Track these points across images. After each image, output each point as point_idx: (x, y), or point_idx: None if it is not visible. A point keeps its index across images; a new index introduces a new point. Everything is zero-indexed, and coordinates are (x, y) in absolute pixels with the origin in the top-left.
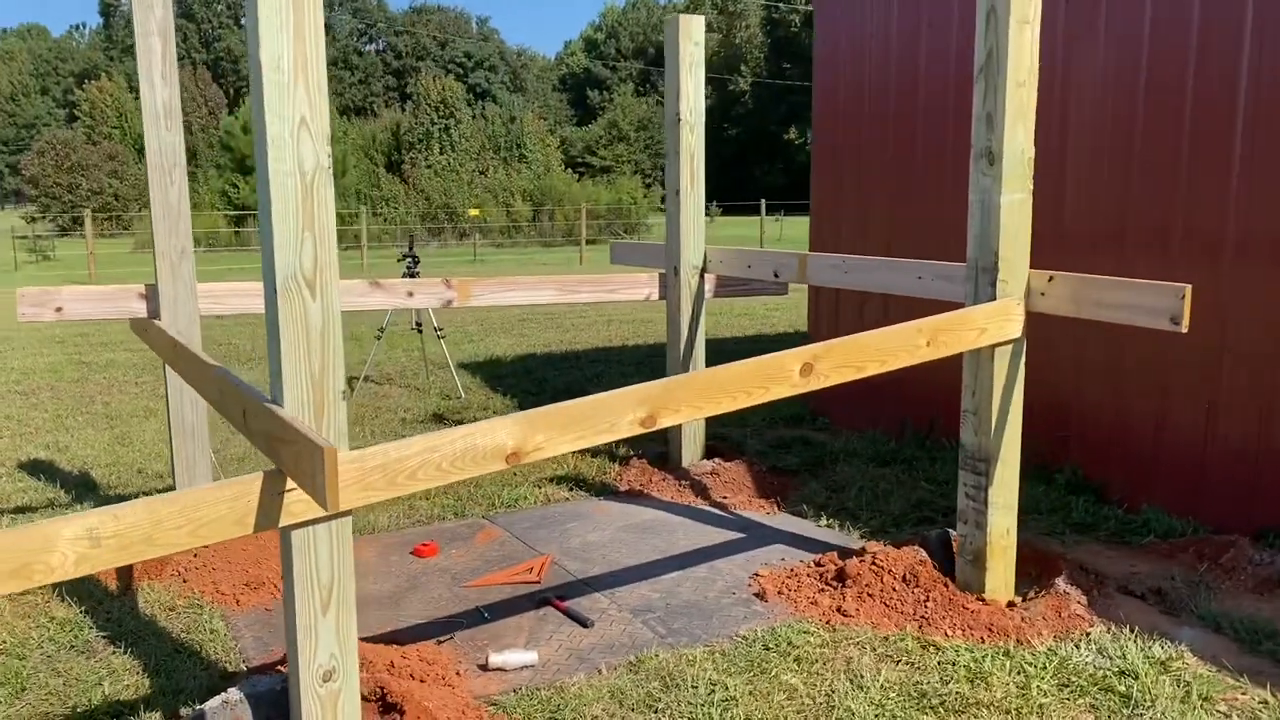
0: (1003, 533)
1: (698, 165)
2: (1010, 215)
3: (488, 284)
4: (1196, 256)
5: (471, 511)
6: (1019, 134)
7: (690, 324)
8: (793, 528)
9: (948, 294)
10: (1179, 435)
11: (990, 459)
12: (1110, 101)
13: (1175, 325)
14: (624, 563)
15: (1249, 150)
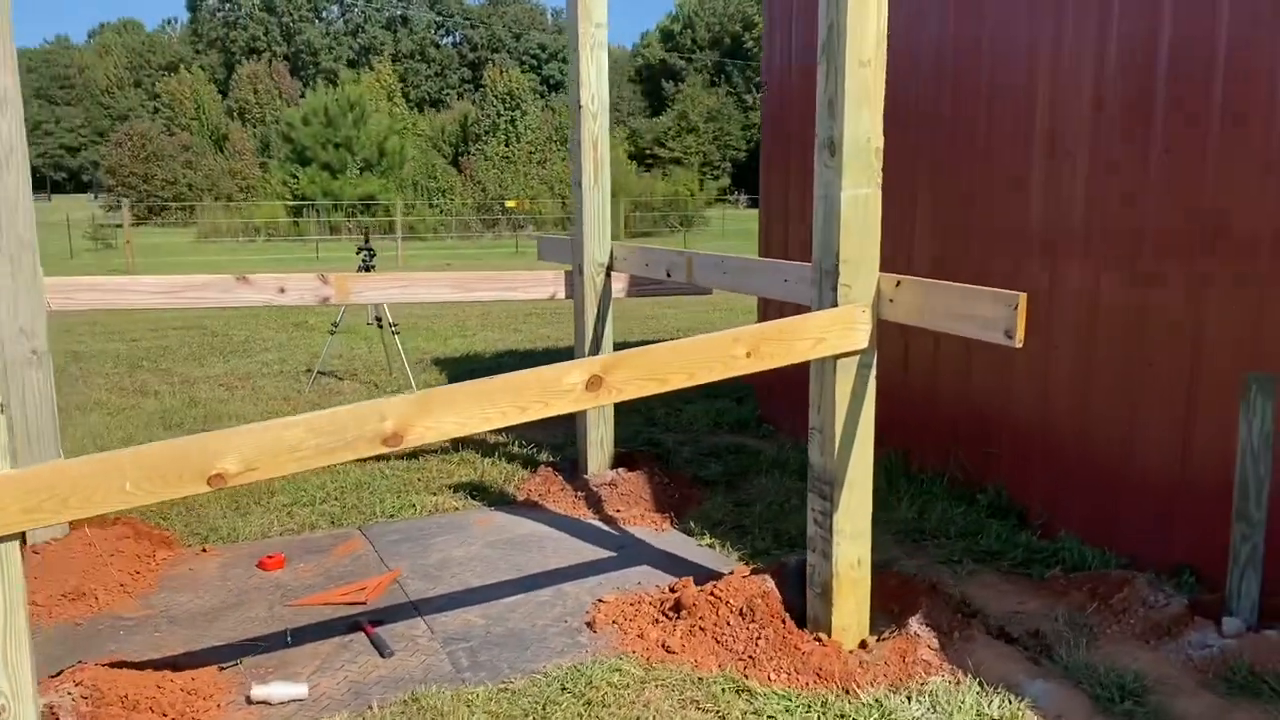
0: (851, 564)
1: (602, 155)
2: (854, 212)
3: (370, 280)
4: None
5: (349, 521)
6: (863, 120)
7: (596, 325)
8: (672, 547)
9: (807, 298)
10: (1097, 459)
11: (835, 482)
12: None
13: (1009, 339)
14: (471, 583)
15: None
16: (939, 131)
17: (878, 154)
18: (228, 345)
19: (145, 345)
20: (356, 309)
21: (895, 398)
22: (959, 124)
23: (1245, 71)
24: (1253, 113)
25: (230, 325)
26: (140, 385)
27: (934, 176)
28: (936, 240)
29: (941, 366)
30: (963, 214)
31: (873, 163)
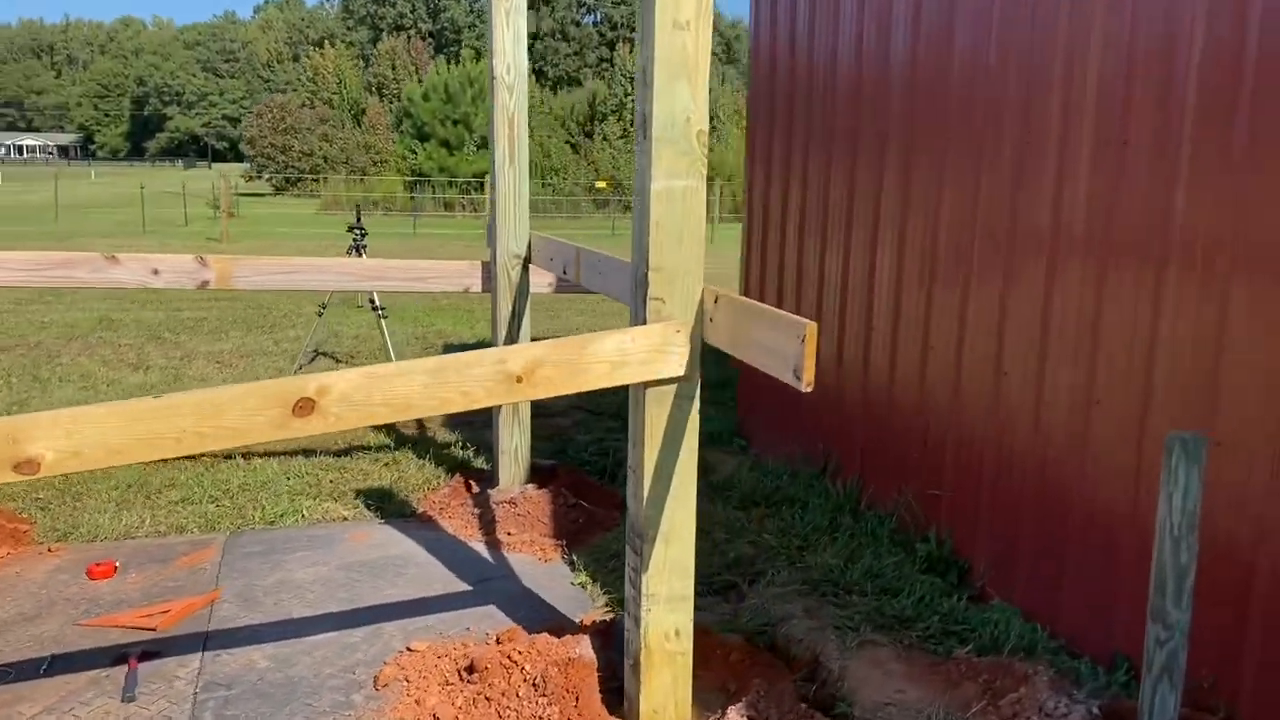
0: (666, 635)
1: (519, 133)
2: (667, 209)
3: (256, 264)
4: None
5: (224, 525)
6: (679, 95)
7: (511, 324)
8: (541, 583)
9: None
10: (1047, 514)
11: (644, 535)
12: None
13: (798, 381)
14: (290, 613)
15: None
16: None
17: (701, 138)
18: (264, 320)
19: (184, 315)
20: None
21: (855, 419)
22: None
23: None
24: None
25: (280, 300)
26: (141, 358)
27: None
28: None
29: (897, 384)
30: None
31: (694, 148)
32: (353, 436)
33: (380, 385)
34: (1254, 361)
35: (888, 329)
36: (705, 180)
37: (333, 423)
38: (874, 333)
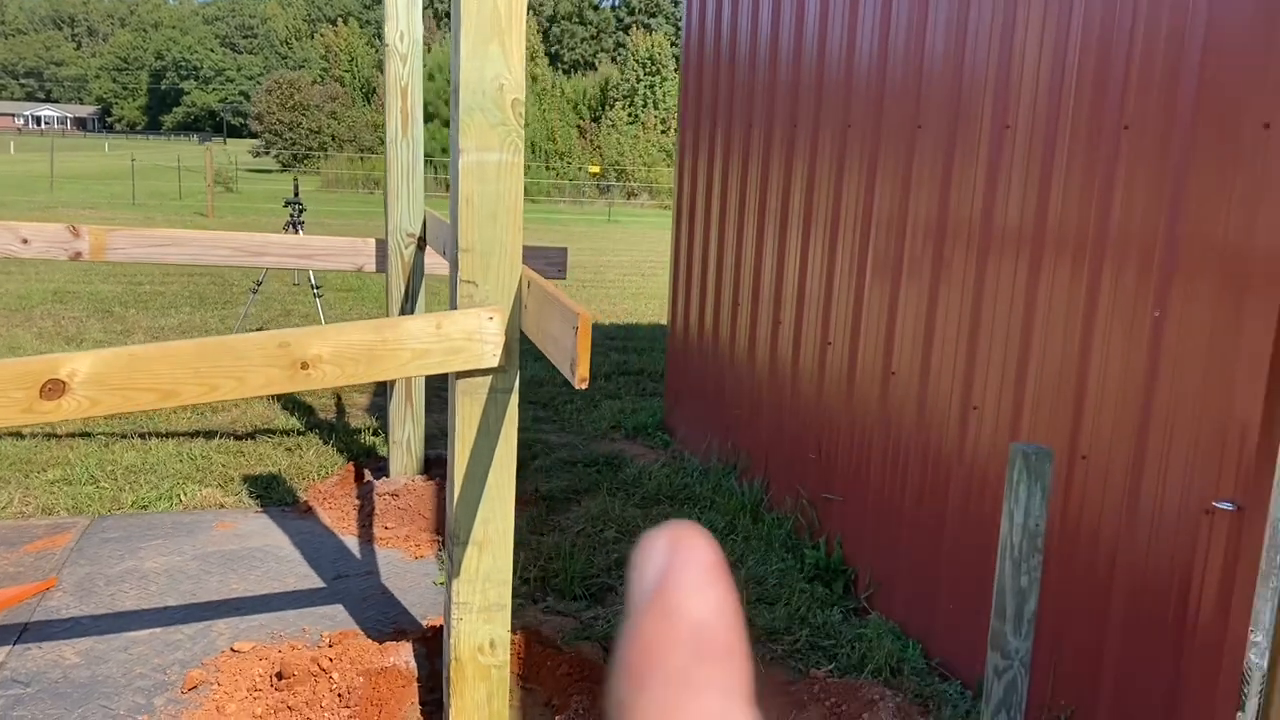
0: (480, 648)
1: (413, 105)
2: (479, 185)
3: (133, 236)
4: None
5: (92, 508)
6: (491, 59)
7: (404, 305)
8: (403, 581)
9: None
10: (921, 530)
11: (456, 539)
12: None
13: (571, 375)
14: (124, 605)
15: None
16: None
17: (517, 108)
18: (222, 295)
19: (143, 289)
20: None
21: (762, 416)
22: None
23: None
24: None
25: (245, 275)
26: (79, 331)
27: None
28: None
29: (799, 380)
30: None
31: (509, 119)
32: (260, 418)
33: (142, 367)
34: (1111, 373)
35: (792, 322)
36: (523, 154)
37: (87, 407)
38: (780, 326)
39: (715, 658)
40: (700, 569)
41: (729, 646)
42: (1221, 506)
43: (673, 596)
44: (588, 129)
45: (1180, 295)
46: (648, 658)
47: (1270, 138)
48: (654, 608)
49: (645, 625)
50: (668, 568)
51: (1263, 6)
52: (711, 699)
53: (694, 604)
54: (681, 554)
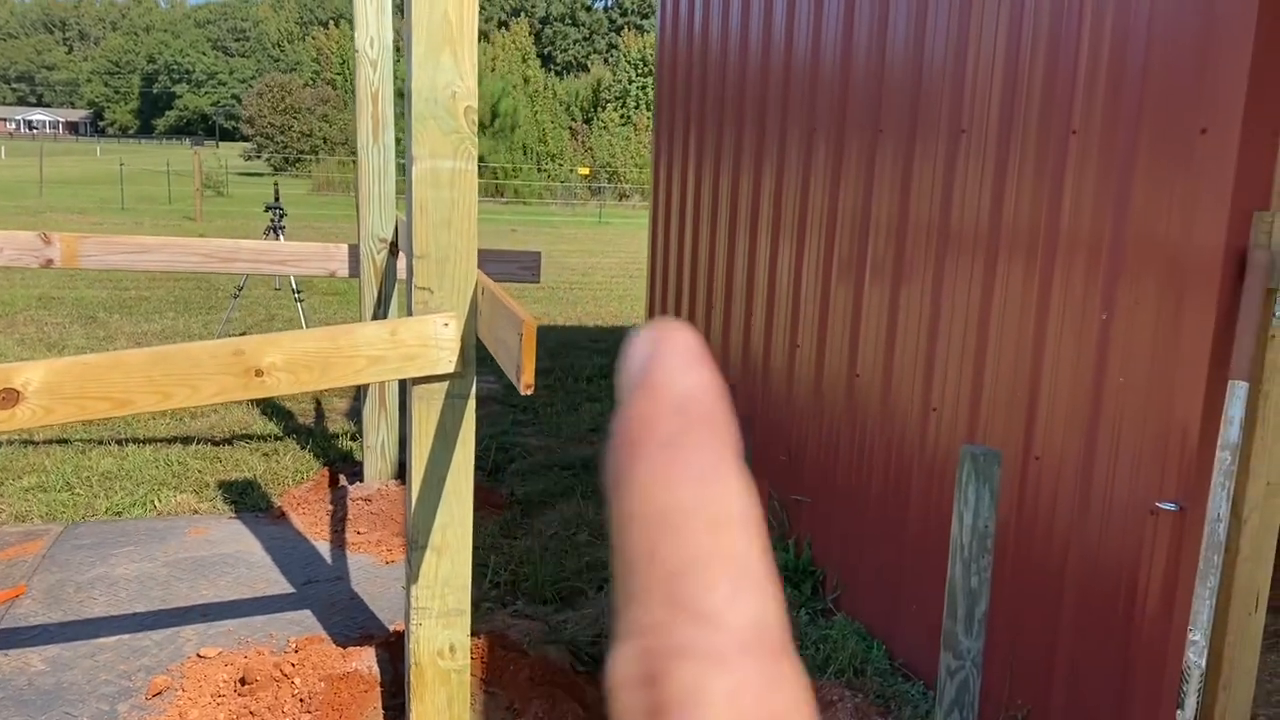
0: (440, 652)
1: (384, 111)
2: (433, 192)
3: (105, 243)
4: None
5: (66, 515)
6: (442, 67)
7: (376, 310)
8: (373, 586)
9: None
10: (884, 531)
11: (414, 544)
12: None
13: (517, 380)
14: (93, 612)
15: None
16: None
17: (470, 115)
18: (207, 300)
19: (128, 294)
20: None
21: (740, 417)
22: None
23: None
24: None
25: (229, 280)
26: (61, 337)
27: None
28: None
29: (770, 379)
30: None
31: (461, 126)
32: (239, 423)
33: (95, 376)
34: (1062, 374)
35: (762, 324)
36: (475, 161)
37: (42, 416)
38: (751, 329)
39: (703, 423)
40: (683, 352)
41: (715, 414)
42: (1164, 507)
43: (659, 376)
44: (579, 130)
45: (1126, 297)
46: (639, 429)
47: (1206, 142)
48: (642, 388)
49: (635, 404)
50: (655, 353)
51: (1199, 19)
52: (703, 456)
53: (679, 380)
54: (666, 341)
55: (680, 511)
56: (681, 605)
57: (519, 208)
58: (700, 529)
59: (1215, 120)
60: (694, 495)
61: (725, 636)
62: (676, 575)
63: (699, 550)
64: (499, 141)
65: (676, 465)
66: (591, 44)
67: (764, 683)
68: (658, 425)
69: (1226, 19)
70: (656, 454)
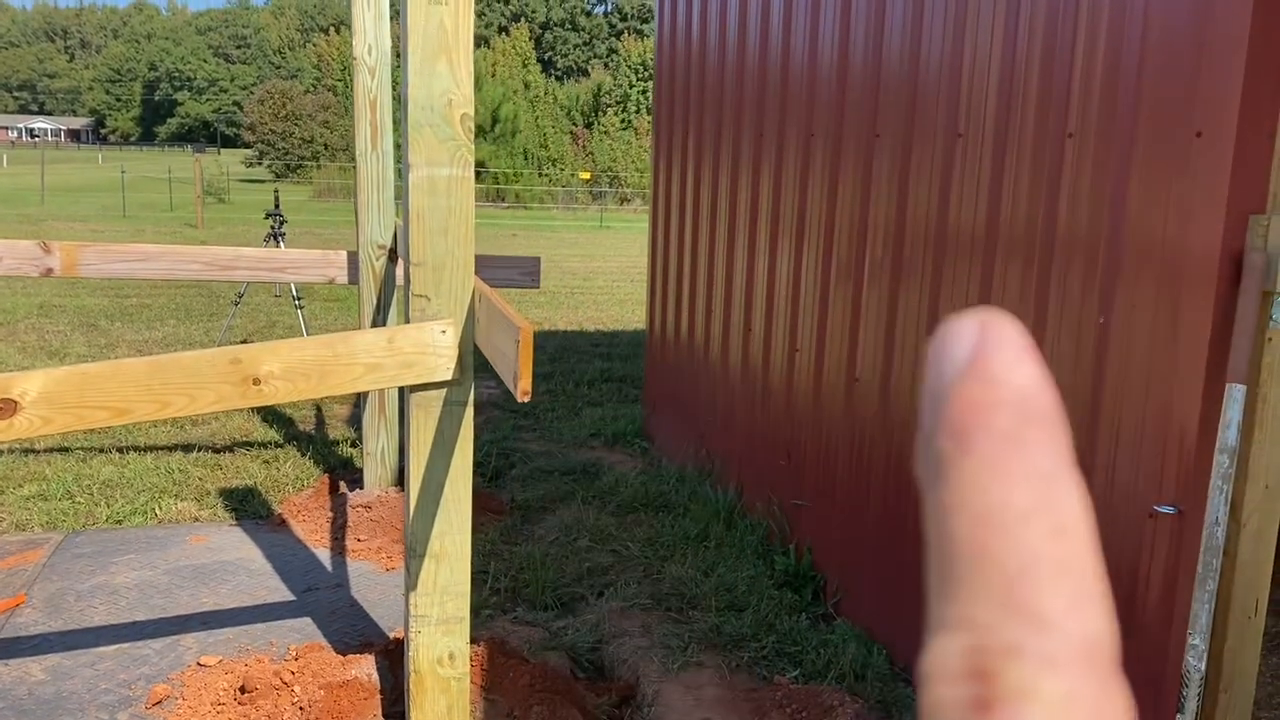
0: (439, 660)
1: (382, 118)
2: (430, 200)
3: (104, 251)
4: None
5: (66, 524)
6: (439, 75)
7: (375, 316)
8: (372, 593)
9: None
10: (884, 535)
11: (413, 551)
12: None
13: (514, 388)
14: (93, 621)
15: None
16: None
17: (466, 123)
18: (208, 307)
19: (129, 302)
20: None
21: (735, 421)
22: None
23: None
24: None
25: (229, 286)
26: (63, 345)
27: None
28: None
29: (770, 386)
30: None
31: (458, 134)
32: (240, 431)
33: (93, 385)
34: (1061, 377)
35: (762, 328)
36: (472, 168)
37: (40, 426)
38: (751, 332)
39: (1042, 421)
40: (1016, 344)
41: (1054, 413)
42: (1163, 510)
43: (994, 364)
44: (580, 135)
45: (1123, 300)
46: (973, 417)
47: (1201, 146)
48: (974, 373)
49: (966, 388)
50: (983, 341)
51: (1193, 23)
52: (1041, 457)
53: (1017, 372)
54: (995, 330)
55: (1018, 511)
56: (1018, 607)
57: (520, 212)
58: (1041, 533)
59: (1210, 124)
60: (1034, 496)
61: (1063, 644)
62: (1014, 576)
63: (1039, 554)
64: (500, 146)
65: (1016, 461)
66: (591, 49)
67: (1097, 695)
68: (995, 416)
69: (1221, 22)
70: (994, 446)
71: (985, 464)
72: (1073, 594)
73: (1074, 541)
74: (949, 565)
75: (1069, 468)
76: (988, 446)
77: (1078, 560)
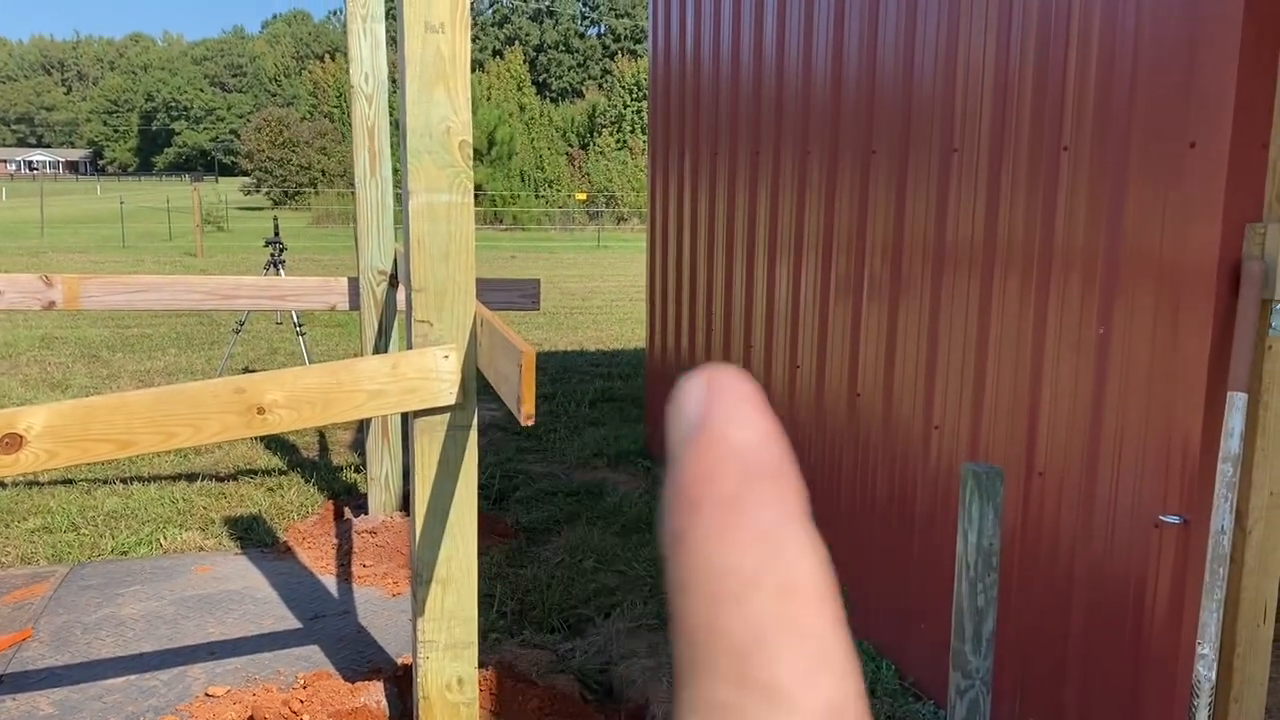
0: (448, 685)
1: (380, 145)
2: (430, 226)
3: (106, 283)
4: None
5: (72, 556)
6: (437, 103)
7: (376, 342)
8: (377, 621)
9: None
10: (890, 549)
11: (420, 577)
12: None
13: (517, 411)
14: (100, 654)
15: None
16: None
17: (464, 149)
18: (209, 336)
19: (130, 332)
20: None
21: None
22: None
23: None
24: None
25: (229, 315)
26: (65, 377)
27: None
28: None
29: (773, 401)
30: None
31: (456, 160)
32: (243, 459)
33: (98, 418)
34: (1062, 389)
35: (762, 345)
36: (472, 194)
37: (45, 460)
38: (751, 349)
39: (764, 477)
40: (739, 400)
41: (777, 467)
42: (1169, 520)
43: (716, 426)
44: (576, 156)
45: (1123, 312)
46: (698, 485)
47: (1196, 156)
48: (699, 439)
49: (692, 457)
50: (707, 402)
51: (1184, 34)
52: (765, 515)
53: (737, 431)
54: (719, 389)
55: (744, 578)
56: (750, 683)
57: (518, 234)
58: (768, 598)
59: (1204, 134)
60: (759, 560)
61: (799, 718)
62: (743, 649)
63: (767, 622)
64: (496, 169)
65: (739, 526)
66: (586, 70)
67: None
68: (717, 481)
69: (1211, 33)
70: (716, 513)
71: (711, 531)
72: (806, 661)
73: (805, 601)
74: (686, 643)
75: (798, 522)
76: (714, 511)
77: (810, 621)
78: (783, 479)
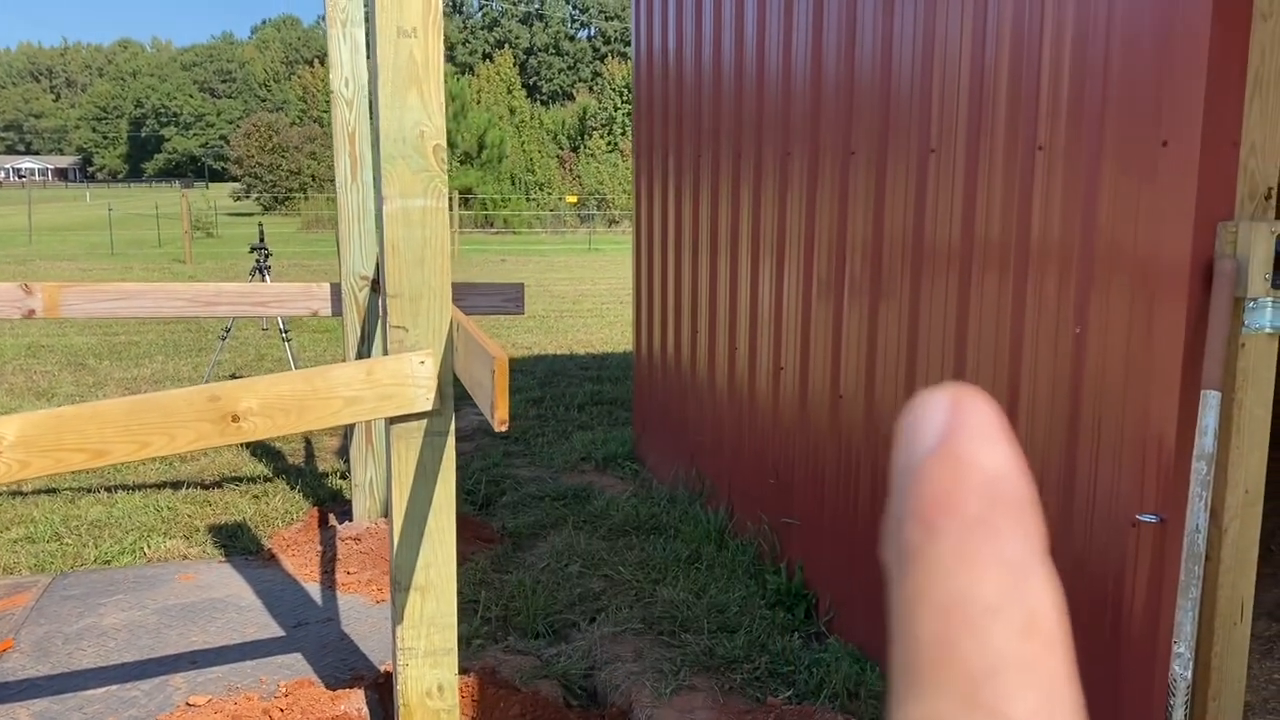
0: (428, 693)
1: (361, 150)
2: (404, 231)
3: (86, 291)
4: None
5: (55, 565)
6: (410, 107)
7: (360, 347)
8: (363, 626)
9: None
10: (874, 551)
11: (398, 584)
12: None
13: (491, 418)
14: (80, 664)
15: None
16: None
17: (439, 154)
18: (196, 343)
19: (117, 340)
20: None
21: (723, 441)
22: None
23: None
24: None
25: (217, 322)
26: (50, 385)
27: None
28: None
29: (757, 404)
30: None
31: (431, 165)
32: (228, 466)
33: (70, 428)
34: (1040, 389)
35: (746, 347)
36: (446, 199)
37: (17, 470)
38: (736, 351)
39: (1012, 507)
40: (988, 423)
41: (1025, 498)
42: (1145, 519)
43: (963, 446)
44: (567, 159)
45: (1098, 310)
46: (941, 503)
47: (1168, 155)
48: (943, 456)
49: (934, 472)
50: (953, 421)
51: (1155, 32)
52: (1011, 546)
53: (987, 455)
54: (966, 408)
55: (986, 605)
56: (982, 709)
57: (508, 237)
58: (1008, 630)
59: (1176, 133)
60: (1004, 588)
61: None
62: (981, 677)
63: (1006, 654)
64: (487, 172)
65: (984, 550)
66: (576, 72)
67: None
68: (963, 502)
69: (1182, 32)
70: (960, 537)
71: (952, 551)
72: (1039, 702)
73: (1045, 641)
74: (913, 660)
75: (1041, 558)
76: (955, 533)
77: (1047, 662)
78: (1029, 510)
